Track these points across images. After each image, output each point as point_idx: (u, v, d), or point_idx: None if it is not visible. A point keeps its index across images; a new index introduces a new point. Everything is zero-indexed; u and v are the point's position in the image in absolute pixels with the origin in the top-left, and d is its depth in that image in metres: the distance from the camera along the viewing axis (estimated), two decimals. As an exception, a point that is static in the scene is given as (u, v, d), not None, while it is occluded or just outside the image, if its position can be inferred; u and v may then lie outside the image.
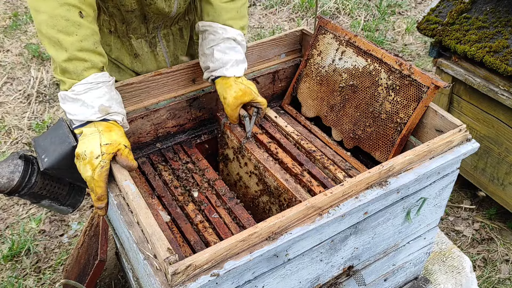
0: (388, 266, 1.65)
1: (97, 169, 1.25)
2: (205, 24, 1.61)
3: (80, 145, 1.29)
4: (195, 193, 1.57)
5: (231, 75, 1.59)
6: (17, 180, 1.32)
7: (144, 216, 1.16)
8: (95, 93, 1.31)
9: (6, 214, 2.80)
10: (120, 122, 1.37)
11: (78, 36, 1.29)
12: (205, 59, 1.63)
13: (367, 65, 1.66)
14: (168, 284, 1.03)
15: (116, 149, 1.29)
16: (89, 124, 1.32)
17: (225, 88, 1.60)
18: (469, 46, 2.27)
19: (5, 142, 3.32)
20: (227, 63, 1.58)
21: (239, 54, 1.61)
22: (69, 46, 1.28)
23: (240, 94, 1.58)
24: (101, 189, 1.28)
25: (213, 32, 1.58)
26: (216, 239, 1.41)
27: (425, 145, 1.35)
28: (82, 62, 1.30)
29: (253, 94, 1.61)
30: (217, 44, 1.58)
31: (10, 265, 2.51)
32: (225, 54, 1.58)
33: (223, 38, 1.58)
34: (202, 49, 1.63)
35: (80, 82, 1.30)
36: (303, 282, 1.36)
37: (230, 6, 1.59)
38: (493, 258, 2.55)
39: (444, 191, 1.54)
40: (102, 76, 1.33)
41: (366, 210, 1.31)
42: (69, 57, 1.28)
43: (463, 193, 2.91)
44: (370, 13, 4.80)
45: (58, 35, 1.27)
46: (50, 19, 1.26)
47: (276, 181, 1.57)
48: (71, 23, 1.28)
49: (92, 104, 1.30)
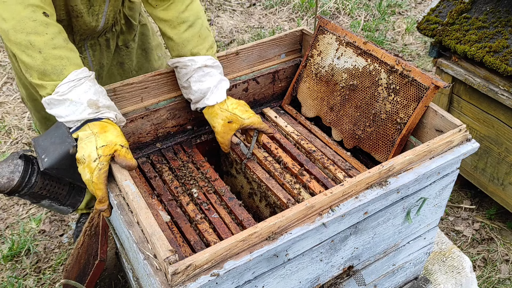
0: (388, 266, 1.65)
1: (95, 172, 1.25)
2: (173, 61, 1.61)
3: (79, 150, 1.29)
4: (195, 193, 1.57)
5: (213, 103, 1.58)
6: (17, 180, 1.32)
7: (144, 216, 1.16)
8: (80, 89, 1.30)
9: (6, 214, 2.80)
10: (114, 120, 1.36)
11: (49, 35, 1.27)
12: (185, 91, 1.64)
13: (367, 65, 1.66)
14: (168, 284, 1.03)
15: (113, 150, 1.28)
16: (83, 126, 1.31)
17: (212, 117, 1.60)
18: (469, 46, 2.27)
19: (5, 142, 3.32)
20: (206, 92, 1.58)
21: (215, 77, 1.59)
22: (43, 46, 1.26)
23: (227, 122, 1.58)
24: (101, 192, 1.28)
25: (183, 66, 1.58)
26: (216, 239, 1.41)
27: (425, 145, 1.35)
28: (59, 60, 1.28)
29: (239, 119, 1.58)
30: (190, 76, 1.58)
31: (10, 265, 2.51)
32: (202, 83, 1.57)
33: (194, 69, 1.57)
34: (180, 83, 1.64)
35: (63, 82, 1.28)
36: (303, 282, 1.36)
37: (190, 33, 1.57)
38: (493, 258, 2.55)
39: (444, 191, 1.54)
40: (83, 72, 1.32)
41: (366, 210, 1.31)
42: (45, 58, 1.26)
43: (463, 193, 2.91)
44: (370, 13, 4.80)
45: (28, 37, 1.25)
46: (18, 23, 1.25)
47: (279, 200, 1.57)
48: (39, 23, 1.26)
49: (80, 101, 1.29)
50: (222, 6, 5.00)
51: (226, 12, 4.92)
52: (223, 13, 4.90)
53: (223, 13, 4.90)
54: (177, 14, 1.55)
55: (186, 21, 1.56)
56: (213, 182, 1.62)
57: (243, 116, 1.59)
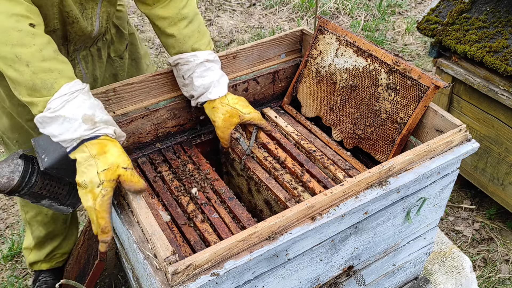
0: (388, 266, 1.65)
1: (98, 199, 1.17)
2: (174, 58, 1.59)
3: (79, 174, 1.20)
4: (195, 193, 1.57)
5: (215, 97, 1.58)
6: (17, 180, 1.32)
7: (144, 216, 1.16)
8: (74, 103, 1.19)
9: (6, 214, 2.80)
10: (113, 135, 1.25)
11: (37, 46, 1.17)
12: (187, 89, 1.63)
13: (367, 65, 1.66)
14: (168, 284, 1.03)
15: (116, 174, 1.18)
16: (80, 147, 1.20)
17: (213, 111, 1.60)
18: (469, 46, 2.28)
19: (5, 142, 3.32)
20: (208, 87, 1.57)
21: (216, 71, 1.60)
22: (30, 58, 1.16)
23: (228, 116, 1.58)
24: (104, 220, 1.18)
25: (185, 62, 1.57)
26: (216, 239, 1.41)
27: (425, 145, 1.35)
28: (49, 74, 1.18)
29: (240, 114, 1.59)
30: (193, 71, 1.57)
31: (10, 265, 2.51)
32: (204, 78, 1.57)
33: (196, 64, 1.56)
34: (181, 81, 1.63)
35: (54, 97, 1.17)
36: (303, 282, 1.36)
37: (191, 29, 1.57)
38: (493, 258, 2.55)
39: (444, 191, 1.54)
40: (75, 85, 1.22)
41: (366, 210, 1.31)
42: (34, 71, 1.16)
43: (463, 193, 2.91)
44: (370, 13, 4.80)
45: (14, 49, 1.15)
46: (1, 34, 1.14)
47: (279, 200, 1.57)
48: (25, 33, 1.16)
49: (74, 117, 1.18)
50: (222, 6, 5.00)
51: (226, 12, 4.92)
52: (223, 13, 4.90)
53: (223, 13, 4.90)
54: (177, 10, 1.55)
55: (186, 17, 1.56)
56: (213, 182, 1.62)
57: (244, 111, 1.60)
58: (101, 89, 1.57)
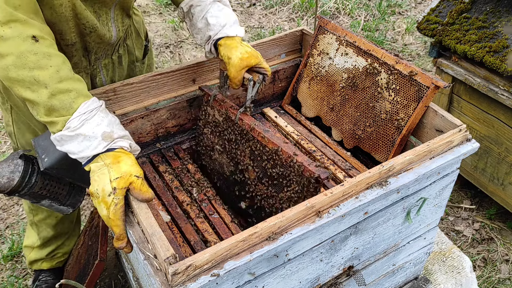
0: (388, 266, 1.65)
1: (111, 208, 1.16)
2: (187, 1, 1.60)
3: (92, 183, 1.20)
4: (195, 193, 1.57)
5: (234, 34, 1.56)
6: (17, 180, 1.32)
7: (144, 216, 1.16)
8: (93, 121, 1.21)
9: (6, 214, 2.80)
10: (128, 149, 1.25)
11: (53, 67, 1.19)
12: (202, 34, 1.61)
13: (367, 65, 1.66)
14: (168, 284, 1.03)
15: (128, 182, 1.18)
16: (96, 158, 1.21)
17: (230, 48, 1.55)
18: (469, 46, 2.27)
19: (5, 142, 3.32)
20: (225, 24, 1.56)
21: (231, 16, 1.60)
22: (49, 81, 1.17)
23: (247, 56, 1.53)
24: (119, 228, 1.18)
25: (198, 2, 1.58)
26: (216, 239, 1.41)
27: (425, 145, 1.35)
28: (67, 94, 1.19)
29: (260, 57, 1.56)
30: (207, 11, 1.57)
31: (10, 265, 2.51)
32: (218, 18, 1.57)
33: (210, 3, 1.57)
34: (195, 26, 1.61)
35: (73, 117, 1.19)
36: (303, 282, 1.36)
37: None
38: (493, 258, 2.55)
39: (444, 191, 1.54)
40: (93, 103, 1.23)
41: (366, 210, 1.31)
42: (52, 93, 1.18)
43: (463, 193, 2.91)
44: (370, 13, 4.80)
45: (32, 73, 1.16)
46: (18, 59, 1.16)
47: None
48: (41, 55, 1.18)
49: (94, 135, 1.20)
50: (222, 6, 4.99)
51: (226, 12, 4.91)
52: (223, 13, 4.89)
53: (223, 13, 4.89)
54: None
55: None
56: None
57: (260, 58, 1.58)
58: (101, 89, 1.57)
